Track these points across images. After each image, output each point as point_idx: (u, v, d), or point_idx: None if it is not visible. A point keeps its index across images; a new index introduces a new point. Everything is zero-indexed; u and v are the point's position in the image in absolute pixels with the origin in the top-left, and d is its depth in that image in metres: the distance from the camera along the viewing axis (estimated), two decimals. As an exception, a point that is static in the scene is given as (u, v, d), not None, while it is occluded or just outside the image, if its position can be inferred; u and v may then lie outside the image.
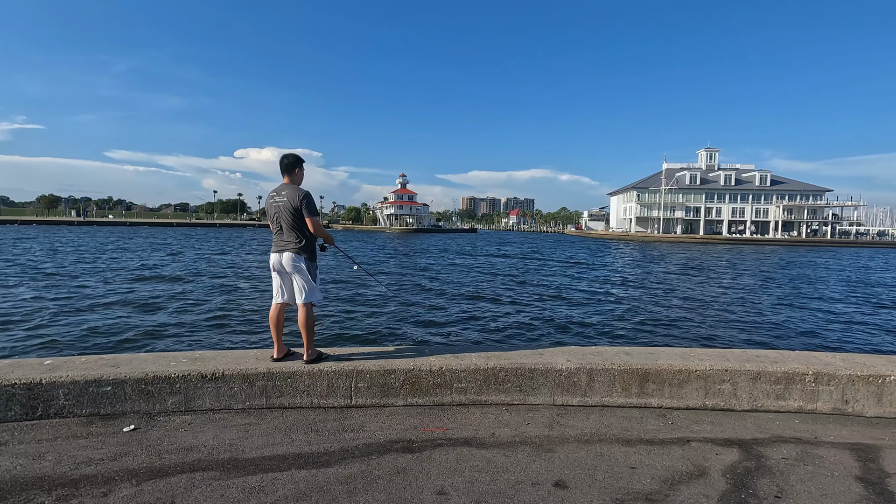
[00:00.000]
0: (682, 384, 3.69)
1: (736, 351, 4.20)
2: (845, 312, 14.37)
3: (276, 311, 3.80)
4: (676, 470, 2.74)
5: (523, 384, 3.66)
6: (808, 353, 4.22)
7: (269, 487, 2.44)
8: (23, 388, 3.15)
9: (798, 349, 7.08)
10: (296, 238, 3.66)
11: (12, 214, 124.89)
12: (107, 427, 3.11)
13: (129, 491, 2.38)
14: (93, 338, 9.00)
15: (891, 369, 3.72)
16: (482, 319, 11.77)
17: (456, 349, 4.11)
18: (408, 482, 2.53)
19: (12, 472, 2.55)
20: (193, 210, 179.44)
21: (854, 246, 72.78)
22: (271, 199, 3.73)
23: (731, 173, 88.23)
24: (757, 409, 3.70)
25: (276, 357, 3.68)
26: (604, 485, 2.56)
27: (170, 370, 3.38)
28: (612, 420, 3.45)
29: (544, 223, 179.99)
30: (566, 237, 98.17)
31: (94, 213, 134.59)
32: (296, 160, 3.79)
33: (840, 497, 2.51)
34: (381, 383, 3.57)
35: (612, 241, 75.71)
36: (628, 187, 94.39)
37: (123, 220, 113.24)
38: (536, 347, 4.25)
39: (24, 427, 3.08)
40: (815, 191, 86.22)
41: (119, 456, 2.74)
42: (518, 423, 3.35)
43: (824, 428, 3.43)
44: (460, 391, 3.63)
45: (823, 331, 11.65)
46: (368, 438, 3.04)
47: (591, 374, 3.67)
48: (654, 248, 53.44)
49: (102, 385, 3.26)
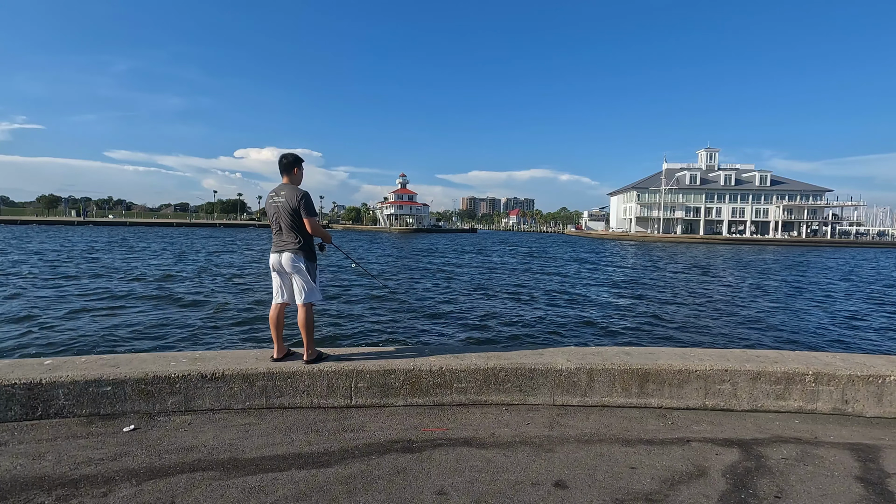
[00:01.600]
0: (682, 384, 3.69)
1: (736, 351, 4.20)
2: (845, 312, 14.37)
3: (275, 311, 3.80)
4: (676, 470, 2.74)
5: (523, 384, 3.66)
6: (808, 353, 4.22)
7: (269, 487, 2.44)
8: (23, 388, 3.15)
9: (798, 349, 7.08)
10: (295, 238, 3.66)
11: (12, 214, 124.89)
12: (107, 427, 3.11)
13: (129, 491, 2.38)
14: (92, 338, 9.00)
15: (891, 369, 3.72)
16: (482, 319, 11.77)
17: (456, 349, 4.11)
18: (408, 482, 2.53)
19: (12, 472, 2.55)
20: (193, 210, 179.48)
21: (854, 246, 72.78)
22: (271, 199, 3.73)
23: (731, 173, 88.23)
24: (757, 409, 3.70)
25: (276, 357, 3.68)
26: (604, 485, 2.56)
27: (170, 370, 3.38)
28: (612, 420, 3.45)
29: (544, 223, 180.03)
30: (566, 237, 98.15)
31: (94, 213, 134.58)
32: (295, 160, 3.79)
33: (840, 497, 2.51)
34: (381, 383, 3.57)
35: (612, 241, 75.71)
36: (628, 187, 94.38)
37: (123, 220, 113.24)
38: (536, 347, 4.25)
39: (24, 427, 3.08)
40: (815, 191, 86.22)
41: (119, 456, 2.74)
42: (518, 423, 3.35)
43: (824, 428, 3.43)
44: (460, 391, 3.63)
45: (823, 331, 11.65)
46: (368, 438, 3.04)
47: (591, 374, 3.67)
48: (654, 249, 53.43)
49: (102, 385, 3.26)
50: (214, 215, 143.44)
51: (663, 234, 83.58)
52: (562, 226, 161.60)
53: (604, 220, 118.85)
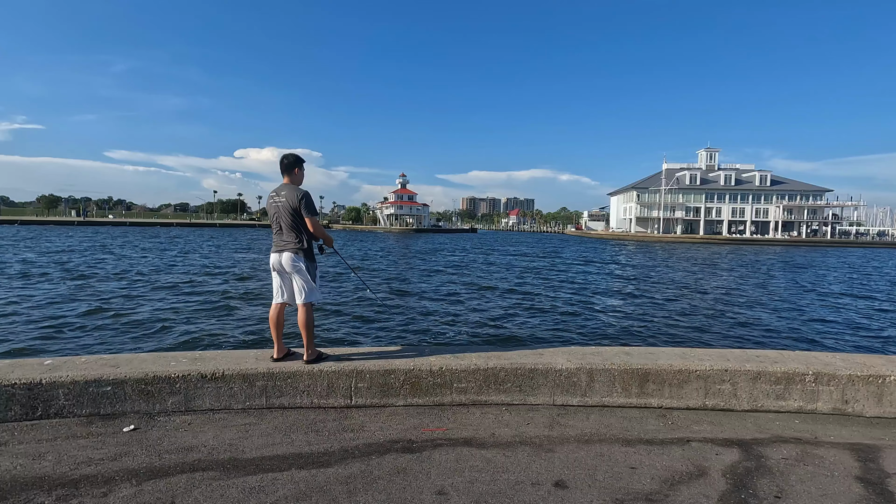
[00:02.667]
0: (682, 384, 3.69)
1: (736, 351, 4.20)
2: (845, 312, 14.37)
3: (276, 311, 3.80)
4: (676, 470, 2.74)
5: (523, 384, 3.66)
6: (808, 353, 4.22)
7: (269, 487, 2.44)
8: (23, 388, 3.15)
9: (798, 349, 7.08)
10: (295, 238, 3.66)
11: (12, 214, 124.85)
12: (107, 427, 3.11)
13: (129, 491, 2.38)
14: (92, 337, 9.00)
15: (891, 369, 3.72)
16: (482, 319, 11.77)
17: (456, 349, 4.11)
18: (408, 482, 2.53)
19: (12, 472, 2.55)
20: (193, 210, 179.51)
21: (854, 246, 72.78)
22: (271, 199, 3.73)
23: (731, 173, 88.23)
24: (757, 410, 3.70)
25: (276, 357, 3.68)
26: (604, 485, 2.55)
27: (170, 370, 3.38)
28: (612, 420, 3.45)
29: (544, 223, 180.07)
30: (566, 237, 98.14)
31: (94, 213, 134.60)
32: (296, 160, 3.79)
33: (840, 497, 2.51)
34: (381, 383, 3.57)
35: (612, 241, 75.70)
36: (628, 187, 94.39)
37: (123, 220, 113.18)
38: (536, 347, 4.25)
39: (24, 427, 3.08)
40: (815, 191, 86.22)
41: (119, 456, 2.74)
42: (518, 423, 3.35)
43: (824, 428, 3.43)
44: (460, 391, 3.63)
45: (823, 331, 11.65)
46: (368, 438, 3.04)
47: (591, 374, 3.67)
48: (654, 249, 53.43)
49: (102, 385, 3.26)
50: (214, 215, 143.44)
51: (663, 234, 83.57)
52: (562, 226, 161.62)
53: (604, 221, 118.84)
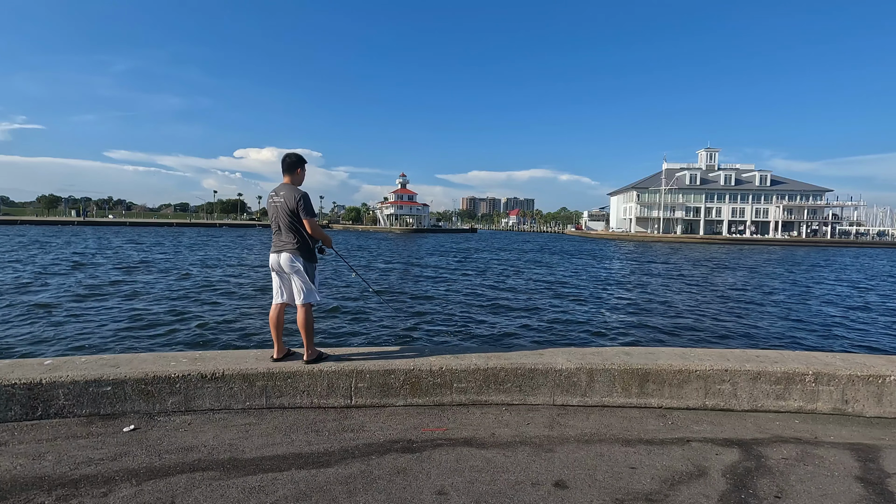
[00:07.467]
0: (681, 384, 3.69)
1: (736, 351, 4.20)
2: (845, 312, 14.37)
3: (275, 311, 3.80)
4: (676, 470, 2.74)
5: (523, 384, 3.66)
6: (808, 353, 4.22)
7: (269, 487, 2.44)
8: (23, 388, 3.15)
9: (798, 349, 7.08)
10: (293, 239, 3.65)
11: (12, 214, 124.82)
12: (107, 427, 3.11)
13: (129, 491, 2.38)
14: (92, 337, 9.00)
15: (891, 369, 3.72)
16: (482, 319, 11.77)
17: (456, 349, 4.11)
18: (408, 482, 2.53)
19: (12, 472, 2.55)
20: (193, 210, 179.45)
21: (854, 246, 72.75)
22: (270, 199, 3.73)
23: (731, 173, 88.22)
24: (757, 410, 3.70)
25: (276, 357, 3.68)
26: (604, 485, 2.55)
27: (170, 370, 3.38)
28: (612, 420, 3.45)
29: (544, 223, 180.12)
30: (566, 237, 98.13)
31: (94, 214, 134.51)
32: (298, 160, 3.78)
33: (840, 497, 2.51)
34: (381, 383, 3.57)
35: (613, 241, 75.69)
36: (628, 187, 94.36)
37: (123, 220, 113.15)
38: (536, 347, 4.26)
39: (24, 427, 3.08)
40: (815, 191, 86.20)
41: (119, 456, 2.74)
42: (518, 423, 3.35)
43: (824, 428, 3.43)
44: (460, 391, 3.63)
45: (823, 331, 11.65)
46: (368, 438, 3.04)
47: (591, 374, 3.67)
48: (654, 249, 53.43)
49: (102, 385, 3.26)
50: (214, 215, 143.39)
51: (663, 234, 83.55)
52: (562, 226, 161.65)
53: (604, 221, 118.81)
